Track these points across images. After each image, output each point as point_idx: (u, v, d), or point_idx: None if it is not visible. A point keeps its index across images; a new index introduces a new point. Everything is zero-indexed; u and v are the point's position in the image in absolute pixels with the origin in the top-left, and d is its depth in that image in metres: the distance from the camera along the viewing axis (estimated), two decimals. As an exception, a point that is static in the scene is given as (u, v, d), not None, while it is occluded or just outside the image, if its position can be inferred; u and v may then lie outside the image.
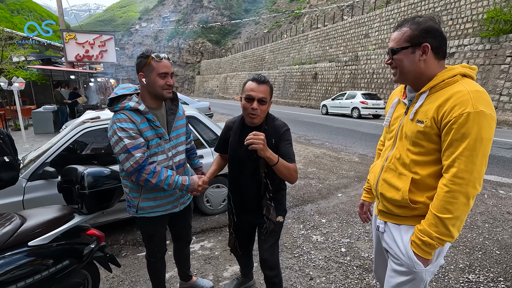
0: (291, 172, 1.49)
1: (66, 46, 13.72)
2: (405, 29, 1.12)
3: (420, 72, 1.13)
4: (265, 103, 1.53)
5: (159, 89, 1.57)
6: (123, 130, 1.49)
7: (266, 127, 1.59)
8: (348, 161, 6.12)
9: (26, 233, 1.49)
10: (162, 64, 1.54)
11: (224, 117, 15.01)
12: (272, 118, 1.65)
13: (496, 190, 4.29)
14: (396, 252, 1.22)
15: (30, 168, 2.73)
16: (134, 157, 1.48)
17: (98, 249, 1.90)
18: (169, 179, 1.56)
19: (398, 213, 1.23)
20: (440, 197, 1.06)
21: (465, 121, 0.99)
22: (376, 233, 1.48)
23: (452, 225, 1.05)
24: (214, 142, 3.60)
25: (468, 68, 1.12)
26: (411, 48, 1.10)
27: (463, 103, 1.00)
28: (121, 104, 1.55)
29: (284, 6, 54.34)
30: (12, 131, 10.48)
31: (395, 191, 1.20)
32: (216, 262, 2.66)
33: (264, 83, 1.52)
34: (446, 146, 1.05)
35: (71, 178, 1.77)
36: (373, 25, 20.26)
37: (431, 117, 1.07)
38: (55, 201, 2.23)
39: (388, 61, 1.19)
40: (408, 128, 1.17)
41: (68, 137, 2.89)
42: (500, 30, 12.12)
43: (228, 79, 42.97)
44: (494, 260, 2.57)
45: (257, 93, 1.50)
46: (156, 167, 1.54)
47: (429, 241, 1.07)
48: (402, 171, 1.19)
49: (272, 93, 1.58)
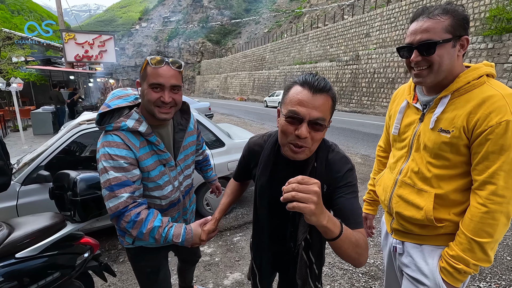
0: (360, 251, 0.83)
1: (65, 47, 13.65)
2: (444, 16, 0.91)
3: (452, 70, 0.96)
4: (322, 128, 0.89)
5: (149, 104, 1.15)
6: (112, 158, 1.10)
7: (316, 163, 0.97)
8: (350, 162, 6.02)
9: (13, 244, 1.40)
10: (156, 72, 1.11)
11: (225, 117, 14.92)
12: (326, 147, 1.01)
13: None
14: (418, 277, 1.09)
15: (24, 171, 2.64)
16: (116, 199, 1.09)
17: (92, 258, 1.81)
18: (155, 231, 1.11)
19: (419, 232, 1.09)
20: (477, 219, 0.92)
21: (504, 131, 0.86)
22: (388, 251, 1.33)
23: (491, 249, 0.93)
24: (214, 144, 3.51)
25: (490, 67, 0.97)
26: (453, 41, 0.92)
27: (499, 110, 0.87)
28: (116, 123, 1.15)
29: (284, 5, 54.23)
30: (11, 132, 10.41)
31: (415, 210, 1.05)
32: (217, 269, 2.57)
33: (324, 92, 0.88)
34: (480, 159, 0.91)
35: (62, 184, 1.68)
36: (374, 24, 20.14)
37: (460, 126, 0.92)
38: (50, 206, 2.14)
39: (417, 57, 0.96)
40: (428, 139, 1.02)
41: (64, 139, 2.80)
42: (503, 28, 12.00)
43: (228, 79, 42.87)
44: (506, 266, 2.47)
45: (309, 111, 0.86)
46: (140, 213, 1.11)
47: (465, 269, 0.94)
48: (422, 186, 1.04)
49: (334, 107, 0.93)
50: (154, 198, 1.27)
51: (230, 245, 2.95)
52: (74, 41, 13.75)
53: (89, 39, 14.13)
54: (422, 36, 0.94)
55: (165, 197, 1.28)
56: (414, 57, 0.97)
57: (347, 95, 20.06)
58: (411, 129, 1.10)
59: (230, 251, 2.84)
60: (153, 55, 1.14)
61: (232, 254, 2.77)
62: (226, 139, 3.62)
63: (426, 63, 0.96)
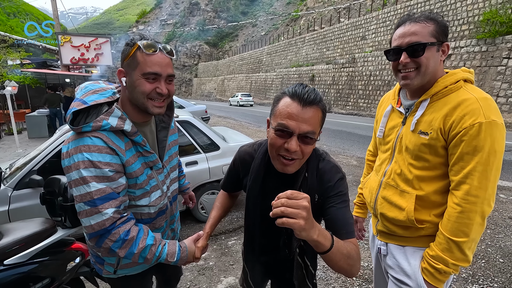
0: (352, 262, 0.82)
1: (61, 49, 13.60)
2: (428, 22, 0.97)
3: (435, 75, 1.01)
4: (312, 141, 0.88)
5: (141, 97, 0.99)
6: (93, 166, 0.92)
7: (307, 173, 0.96)
8: (346, 164, 6.04)
9: (2, 251, 1.39)
10: (152, 59, 0.96)
11: (222, 120, 14.91)
12: (316, 156, 1.00)
13: (497, 194, 4.22)
14: (401, 278, 1.11)
15: (16, 176, 2.62)
16: (99, 215, 0.93)
17: (83, 263, 1.79)
18: (147, 251, 0.98)
19: (402, 234, 1.12)
20: (453, 219, 0.95)
21: (477, 133, 0.89)
22: (375, 254, 1.37)
23: (468, 248, 0.95)
24: (209, 147, 3.51)
25: (468, 72, 1.03)
26: (437, 45, 0.98)
27: (473, 113, 0.91)
28: (96, 122, 0.95)
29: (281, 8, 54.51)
30: (5, 135, 10.32)
31: (398, 211, 1.09)
32: (211, 273, 2.56)
33: (314, 105, 0.86)
34: (455, 160, 0.95)
35: (53, 189, 1.66)
36: (370, 27, 20.31)
37: (437, 128, 0.97)
38: (42, 211, 2.11)
39: (406, 59, 0.99)
40: (409, 141, 1.06)
41: (57, 143, 2.79)
42: (496, 31, 12.15)
43: (225, 82, 42.90)
44: (498, 268, 2.49)
45: (299, 124, 0.84)
46: (130, 231, 0.97)
47: (445, 268, 0.97)
48: (404, 188, 1.08)
49: (324, 119, 0.92)
50: (142, 207, 1.11)
51: (225, 248, 2.94)
52: (70, 44, 13.70)
53: (85, 42, 14.09)
54: (411, 39, 0.97)
55: (153, 204, 1.13)
56: (403, 58, 1.00)
57: (343, 98, 20.16)
58: (394, 132, 1.14)
59: (224, 255, 2.83)
60: (144, 40, 0.98)
61: (227, 258, 2.76)
62: (221, 143, 3.62)
63: (414, 65, 0.99)
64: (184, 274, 2.53)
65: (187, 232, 3.26)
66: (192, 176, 3.25)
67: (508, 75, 11.55)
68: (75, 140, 0.95)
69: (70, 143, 0.97)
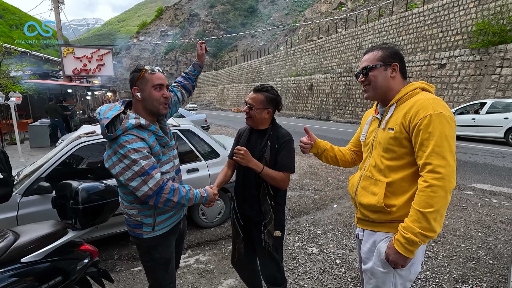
0: (277, 182, 1.63)
1: (64, 61, 13.87)
2: (377, 51, 1.31)
3: (390, 87, 1.31)
4: (251, 109, 1.68)
5: (156, 103, 1.46)
6: (136, 151, 1.33)
7: (271, 132, 1.71)
8: (343, 172, 6.16)
9: (19, 250, 1.50)
10: (156, 76, 1.46)
11: (221, 128, 15.07)
12: (277, 126, 1.76)
13: (489, 199, 4.33)
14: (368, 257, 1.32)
15: (25, 183, 2.73)
16: (153, 179, 1.35)
17: (91, 264, 1.89)
18: (189, 194, 1.48)
19: (374, 218, 1.30)
20: (421, 193, 1.12)
21: (429, 122, 1.12)
22: (358, 244, 1.55)
23: (433, 219, 1.10)
24: (209, 155, 3.63)
25: (426, 84, 1.30)
26: (384, 66, 1.29)
27: (425, 108, 1.15)
28: (122, 125, 1.37)
29: (279, 19, 55.50)
30: (7, 145, 10.44)
31: (371, 196, 1.29)
32: (211, 275, 2.65)
33: (258, 92, 1.69)
34: (418, 147, 1.16)
35: (65, 193, 1.79)
36: (367, 37, 20.72)
37: (400, 123, 1.21)
38: (49, 216, 2.24)
39: (361, 79, 1.34)
40: (381, 137, 1.30)
41: (64, 151, 2.91)
42: (489, 41, 12.46)
43: (225, 91, 43.32)
44: (487, 269, 2.59)
45: (248, 99, 1.70)
46: (173, 184, 1.44)
47: (412, 238, 1.11)
48: (378, 177, 1.30)
49: (267, 102, 1.68)
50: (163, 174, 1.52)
51: (225, 253, 3.03)
52: (72, 55, 13.98)
53: (87, 53, 14.37)
54: (363, 64, 1.34)
55: (168, 171, 1.54)
56: (359, 78, 1.36)
57: (341, 106, 20.40)
58: (373, 134, 1.40)
59: (224, 258, 2.92)
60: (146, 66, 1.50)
61: (227, 262, 2.85)
62: (221, 150, 3.74)
63: (367, 82, 1.33)
64: (186, 277, 2.63)
65: (188, 237, 3.35)
66: (193, 183, 3.37)
67: (501, 83, 11.79)
68: (114, 143, 1.36)
69: (109, 149, 1.39)
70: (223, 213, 3.75)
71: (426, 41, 16.47)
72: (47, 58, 19.31)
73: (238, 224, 1.81)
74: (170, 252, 1.64)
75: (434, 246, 3.02)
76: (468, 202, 4.22)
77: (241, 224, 1.80)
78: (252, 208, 1.74)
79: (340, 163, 1.73)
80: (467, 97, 12.96)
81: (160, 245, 1.58)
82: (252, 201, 1.74)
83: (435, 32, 15.95)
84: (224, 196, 3.72)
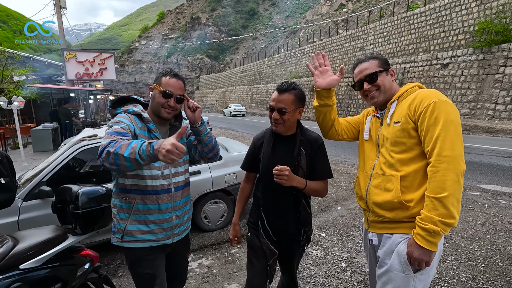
0: (319, 193, 1.53)
1: (66, 65, 13.96)
2: (372, 60, 1.37)
3: (394, 89, 1.37)
4: (285, 113, 1.44)
5: (158, 105, 1.45)
6: (117, 122, 1.37)
7: (302, 137, 1.53)
8: (347, 173, 6.10)
9: (17, 256, 1.46)
10: (167, 81, 1.44)
11: (223, 131, 15.06)
12: (305, 129, 1.58)
13: (497, 200, 4.25)
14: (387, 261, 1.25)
15: (26, 187, 2.71)
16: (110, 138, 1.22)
17: (92, 270, 1.86)
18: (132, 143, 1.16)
19: (390, 217, 1.25)
20: (432, 179, 1.11)
21: (434, 108, 1.15)
22: (369, 249, 1.47)
23: (451, 203, 1.06)
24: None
25: (422, 85, 1.36)
26: (385, 71, 1.36)
27: (428, 97, 1.19)
28: (124, 107, 1.49)
29: (280, 21, 55.68)
30: (10, 149, 10.48)
31: (386, 193, 1.25)
32: (214, 280, 2.60)
33: (286, 92, 1.45)
34: (424, 133, 1.16)
35: (65, 198, 1.76)
36: (368, 38, 20.69)
37: (405, 114, 1.23)
38: (51, 221, 2.20)
39: (368, 86, 1.35)
40: (387, 132, 1.30)
41: (65, 155, 2.89)
42: (492, 41, 12.38)
43: (227, 93, 43.40)
44: (497, 272, 2.52)
45: (276, 103, 1.45)
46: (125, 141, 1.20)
47: (433, 227, 1.07)
48: (390, 172, 1.26)
49: (299, 101, 1.48)
50: (144, 177, 1.44)
51: (228, 257, 2.99)
52: (75, 59, 14.08)
53: (89, 57, 14.46)
54: (366, 72, 1.36)
55: (154, 178, 1.45)
56: (366, 86, 1.36)
57: (344, 107, 20.34)
58: (376, 133, 1.40)
59: (228, 262, 2.87)
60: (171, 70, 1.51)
61: (230, 266, 2.80)
62: (224, 153, 3.71)
63: (375, 87, 1.35)
64: (189, 282, 2.58)
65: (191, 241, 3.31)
66: (195, 185, 3.33)
67: (505, 82, 11.69)
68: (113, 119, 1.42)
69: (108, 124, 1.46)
70: (225, 216, 3.70)
71: (428, 41, 16.39)
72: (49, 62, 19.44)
73: (270, 242, 1.56)
74: (154, 267, 1.52)
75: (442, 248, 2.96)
76: (475, 203, 4.14)
77: (274, 241, 1.58)
78: (285, 221, 1.57)
79: (329, 129, 1.59)
80: (470, 97, 12.86)
81: (141, 260, 1.49)
82: (287, 214, 1.56)
83: (437, 32, 15.88)
84: (227, 199, 3.68)
